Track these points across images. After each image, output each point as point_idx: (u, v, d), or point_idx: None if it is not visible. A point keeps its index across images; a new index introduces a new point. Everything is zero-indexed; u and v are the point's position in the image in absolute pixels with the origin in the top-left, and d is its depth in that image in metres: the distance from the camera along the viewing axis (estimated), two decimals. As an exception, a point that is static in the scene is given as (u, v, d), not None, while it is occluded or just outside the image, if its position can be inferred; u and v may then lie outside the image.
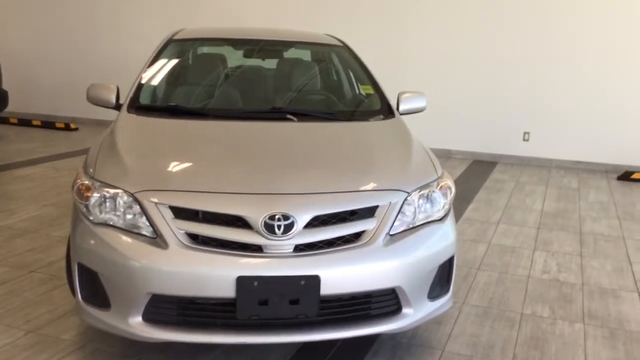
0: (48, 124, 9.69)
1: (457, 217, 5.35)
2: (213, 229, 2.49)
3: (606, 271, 4.20)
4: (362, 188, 2.73)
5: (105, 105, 3.61)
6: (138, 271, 2.44)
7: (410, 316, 2.69)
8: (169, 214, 2.52)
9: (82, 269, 2.62)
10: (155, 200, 2.54)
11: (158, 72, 3.78)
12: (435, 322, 3.29)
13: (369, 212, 2.64)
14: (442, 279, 2.84)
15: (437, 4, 8.19)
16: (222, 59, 4.09)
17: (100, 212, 2.62)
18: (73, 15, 9.95)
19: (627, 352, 3.06)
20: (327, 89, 4.02)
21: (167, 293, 2.45)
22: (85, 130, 9.44)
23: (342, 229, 2.58)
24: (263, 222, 2.47)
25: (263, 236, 2.47)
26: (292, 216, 2.49)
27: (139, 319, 2.50)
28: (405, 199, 2.73)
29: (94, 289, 2.59)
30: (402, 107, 3.83)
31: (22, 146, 8.12)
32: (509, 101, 8.10)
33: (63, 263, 3.77)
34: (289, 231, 2.48)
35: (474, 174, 7.49)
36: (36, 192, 5.76)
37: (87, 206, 2.65)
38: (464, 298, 3.64)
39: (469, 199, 6.11)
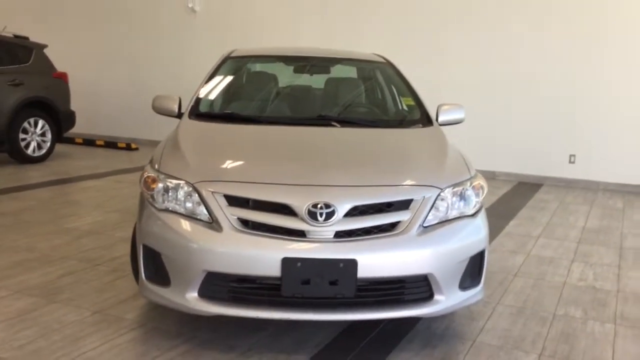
0: (110, 144, 10.32)
1: (498, 232, 5.50)
2: (262, 216, 2.79)
3: (644, 281, 4.27)
4: (398, 183, 2.98)
5: (168, 113, 4.00)
6: (195, 251, 2.75)
7: (442, 303, 2.89)
8: (223, 202, 2.83)
9: (147, 249, 2.94)
10: (212, 189, 2.86)
11: (215, 85, 4.17)
12: (469, 317, 3.46)
13: (404, 205, 2.89)
14: (473, 270, 3.03)
15: (480, 25, 8.41)
16: (274, 75, 4.46)
17: (164, 200, 2.95)
18: (136, 44, 10.64)
19: (656, 350, 3.16)
20: (370, 101, 4.31)
21: (220, 271, 2.74)
22: (144, 150, 10.00)
23: (379, 218, 2.83)
24: (307, 210, 2.75)
25: (306, 222, 2.74)
26: (333, 205, 2.76)
27: (195, 294, 2.79)
28: (439, 195, 2.97)
29: (156, 268, 2.91)
30: (441, 118, 4.07)
31: (88, 162, 8.70)
32: (554, 123, 8.19)
33: (125, 259, 4.12)
34: (330, 218, 2.75)
35: (518, 193, 7.58)
36: (100, 201, 6.21)
37: (152, 195, 3.00)
38: (498, 299, 3.80)
39: (511, 216, 6.22)
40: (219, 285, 2.79)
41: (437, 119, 4.06)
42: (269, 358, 2.89)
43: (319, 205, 2.76)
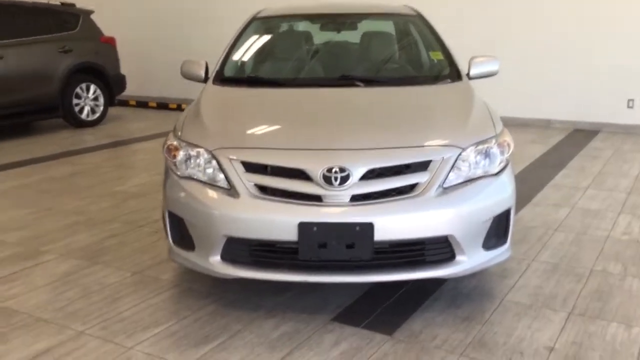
0: (162, 105, 10.54)
1: (544, 184, 5.34)
2: (278, 181, 2.80)
3: (695, 234, 4.06)
4: (416, 144, 2.92)
5: (196, 79, 4.03)
6: (215, 217, 2.81)
7: (464, 263, 2.85)
8: (240, 168, 2.86)
9: (172, 216, 3.03)
10: (229, 156, 2.89)
11: (241, 48, 4.14)
12: (500, 275, 3.41)
13: (422, 166, 2.83)
14: (498, 230, 2.96)
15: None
16: (300, 34, 4.39)
17: (186, 167, 3.01)
18: (185, 4, 10.68)
19: (696, 307, 3.02)
20: (397, 58, 4.18)
21: (240, 236, 2.80)
22: (194, 110, 10.15)
23: (396, 181, 2.79)
24: (322, 175, 2.74)
25: (322, 187, 2.74)
26: (347, 169, 2.74)
27: (218, 258, 2.87)
28: (460, 155, 2.89)
29: (181, 233, 2.99)
30: (472, 72, 3.92)
31: (139, 125, 8.95)
32: (612, 66, 7.75)
33: (166, 220, 4.26)
34: (345, 182, 2.74)
35: (572, 142, 7.28)
36: (148, 163, 6.41)
37: (174, 163, 3.06)
38: (534, 255, 3.71)
39: (561, 166, 6.01)
40: (240, 250, 2.85)
41: (468, 73, 3.91)
42: (292, 317, 2.96)
43: (333, 170, 2.74)
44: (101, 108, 8.95)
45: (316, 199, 2.76)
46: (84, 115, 8.71)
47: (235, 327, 2.87)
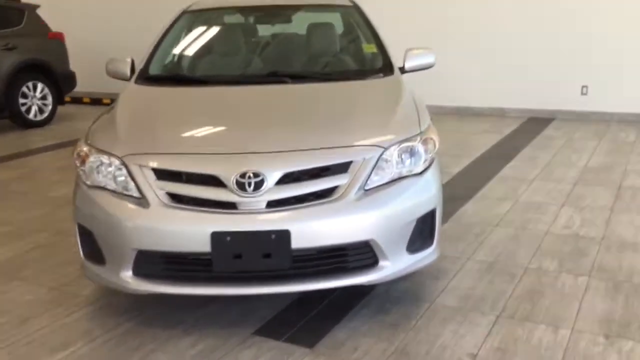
0: (116, 102, 10.24)
1: (491, 177, 5.27)
2: (191, 189, 2.66)
3: (635, 226, 4.02)
4: (335, 145, 2.78)
5: (122, 77, 3.85)
6: (124, 229, 2.65)
7: (387, 268, 2.75)
8: (151, 176, 2.70)
9: (81, 228, 2.87)
10: (139, 163, 2.73)
11: (168, 43, 3.96)
12: (433, 276, 3.32)
13: (342, 168, 2.71)
14: (423, 232, 2.86)
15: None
16: (231, 28, 4.23)
17: (95, 176, 2.84)
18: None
19: (626, 304, 2.96)
20: (329, 52, 4.04)
21: (151, 249, 2.65)
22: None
23: (313, 185, 2.66)
24: (235, 180, 2.60)
25: (235, 194, 2.60)
26: (262, 173, 2.61)
27: (130, 273, 2.71)
28: (382, 155, 2.77)
29: (92, 246, 2.83)
30: (408, 64, 3.82)
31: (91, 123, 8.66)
32: (565, 53, 7.74)
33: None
34: (260, 188, 2.60)
35: (525, 131, 7.25)
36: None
37: (83, 171, 2.89)
38: (470, 254, 3.63)
39: (510, 157, 5.96)
40: (153, 263, 2.70)
41: (403, 66, 3.80)
42: (211, 333, 2.82)
43: (247, 175, 2.60)
44: (49, 107, 8.67)
45: (231, 206, 2.62)
46: (31, 116, 8.43)
47: (149, 347, 2.73)
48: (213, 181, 2.64)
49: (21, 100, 8.25)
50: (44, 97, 8.57)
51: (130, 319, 2.97)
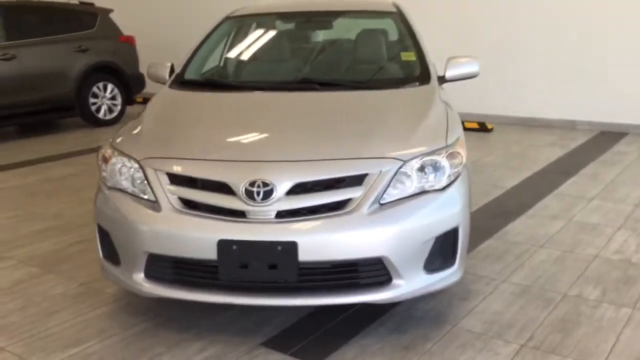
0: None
1: (547, 193, 4.98)
2: (201, 195, 2.63)
3: (698, 254, 3.66)
4: (351, 156, 2.68)
5: (161, 81, 3.90)
6: (135, 232, 2.66)
7: (401, 287, 2.62)
8: (165, 180, 2.70)
9: (100, 229, 2.91)
10: (155, 167, 2.73)
11: (207, 48, 3.98)
12: (461, 297, 3.15)
13: (356, 181, 2.60)
14: (443, 250, 2.71)
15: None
16: (272, 34, 4.20)
17: (116, 178, 2.87)
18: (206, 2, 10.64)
19: (670, 343, 2.68)
20: (367, 58, 3.92)
21: (161, 253, 2.64)
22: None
23: (325, 196, 2.58)
24: (244, 189, 2.55)
25: (244, 202, 2.55)
26: (271, 183, 2.55)
27: (142, 275, 2.72)
28: (400, 168, 2.64)
29: (109, 247, 2.86)
30: (449, 74, 3.65)
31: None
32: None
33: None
34: (269, 197, 2.54)
35: (593, 145, 6.82)
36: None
37: (105, 172, 2.93)
38: (507, 276, 3.41)
39: (570, 173, 5.60)
40: (163, 267, 2.70)
41: (444, 75, 3.64)
42: (221, 340, 2.79)
43: (256, 184, 2.55)
44: (119, 107, 9.00)
45: (240, 214, 2.58)
46: (101, 115, 8.78)
47: (158, 350, 2.72)
48: (223, 188, 2.61)
49: (92, 100, 8.61)
50: (113, 98, 8.91)
51: (148, 320, 2.99)
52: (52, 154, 6.99)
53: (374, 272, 2.61)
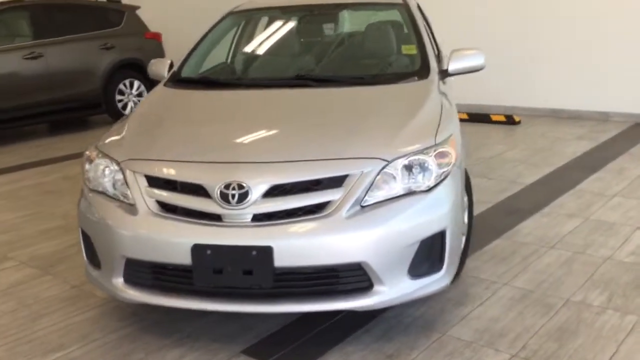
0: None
1: (567, 189, 4.75)
2: (178, 198, 2.57)
3: None
4: (331, 156, 2.58)
5: (161, 79, 3.85)
6: (112, 235, 2.62)
7: (384, 294, 2.50)
8: (143, 182, 2.65)
9: (82, 232, 2.88)
10: (133, 169, 2.68)
11: (206, 45, 3.92)
12: (457, 302, 3.01)
13: (336, 182, 2.50)
14: (430, 255, 2.58)
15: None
16: (273, 29, 4.10)
17: (97, 180, 2.84)
18: None
19: (674, 356, 2.49)
20: (366, 53, 3.78)
21: (138, 257, 2.59)
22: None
23: (303, 199, 2.48)
24: (219, 191, 2.48)
25: (219, 205, 2.48)
26: (246, 185, 2.46)
27: (121, 280, 2.68)
28: (383, 168, 2.52)
29: (91, 250, 2.83)
30: (452, 67, 3.49)
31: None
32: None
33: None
34: (244, 200, 2.46)
35: (624, 138, 6.50)
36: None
37: (87, 173, 2.90)
38: (509, 279, 3.25)
39: (595, 168, 5.34)
40: (141, 272, 2.65)
41: (447, 69, 3.49)
42: (201, 346, 2.73)
43: (231, 186, 2.47)
44: (144, 104, 9.06)
45: (216, 218, 2.51)
46: (127, 111, 8.85)
47: (137, 356, 2.68)
48: (199, 191, 2.54)
49: (118, 97, 8.69)
50: (139, 95, 8.97)
51: (133, 324, 2.96)
52: (76, 151, 7.07)
53: (354, 278, 2.50)
